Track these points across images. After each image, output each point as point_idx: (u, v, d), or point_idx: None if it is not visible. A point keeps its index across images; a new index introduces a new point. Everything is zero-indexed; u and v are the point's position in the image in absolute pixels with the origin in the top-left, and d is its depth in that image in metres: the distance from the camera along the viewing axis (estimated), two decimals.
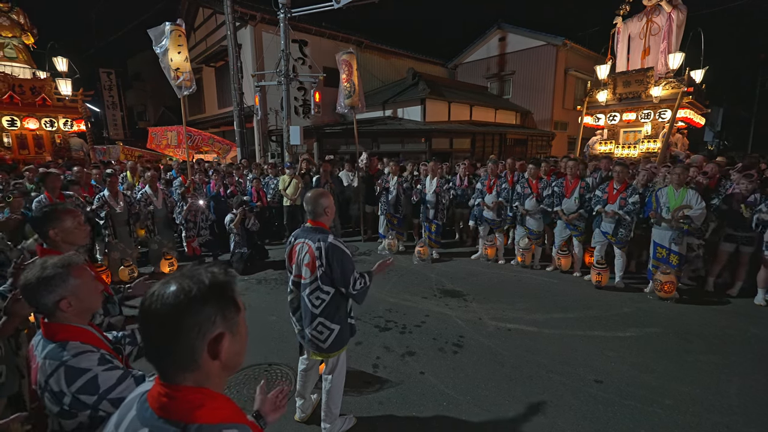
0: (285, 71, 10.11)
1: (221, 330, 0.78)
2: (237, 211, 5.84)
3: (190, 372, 0.77)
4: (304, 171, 7.94)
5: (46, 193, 4.43)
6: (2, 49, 10.81)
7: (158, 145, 12.13)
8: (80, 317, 1.38)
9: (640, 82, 9.72)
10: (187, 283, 0.77)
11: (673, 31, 9.41)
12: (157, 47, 5.56)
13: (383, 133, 12.85)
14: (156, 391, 0.79)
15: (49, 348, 1.28)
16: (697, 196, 4.41)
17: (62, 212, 2.00)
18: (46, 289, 1.27)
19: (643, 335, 3.87)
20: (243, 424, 0.82)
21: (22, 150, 10.80)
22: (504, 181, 6.00)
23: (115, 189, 5.38)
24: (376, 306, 4.60)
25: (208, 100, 16.97)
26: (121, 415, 0.85)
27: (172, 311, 0.74)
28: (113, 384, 1.27)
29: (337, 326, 2.38)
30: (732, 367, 3.30)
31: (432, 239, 6.46)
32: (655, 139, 9.45)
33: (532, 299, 4.76)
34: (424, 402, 2.91)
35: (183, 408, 0.76)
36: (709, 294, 4.89)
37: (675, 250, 4.58)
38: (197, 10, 16.15)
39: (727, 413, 2.74)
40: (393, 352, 3.62)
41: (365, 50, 16.28)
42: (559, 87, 17.42)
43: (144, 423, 0.78)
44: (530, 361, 3.42)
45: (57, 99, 11.14)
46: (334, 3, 9.07)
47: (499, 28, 18.18)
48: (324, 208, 2.35)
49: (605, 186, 5.12)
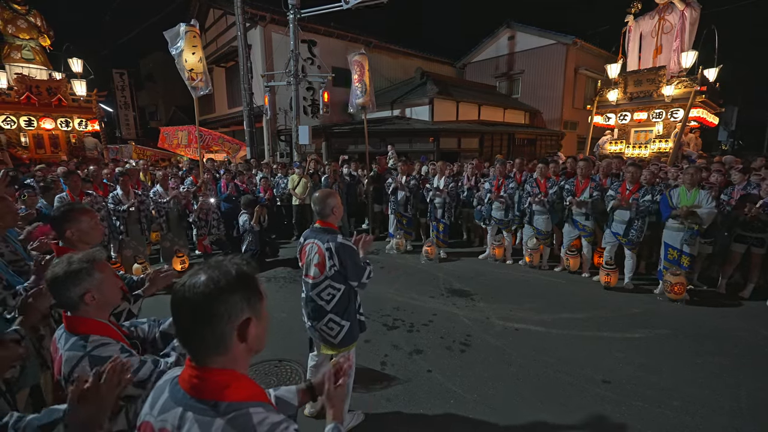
0: (294, 71, 10.19)
1: (248, 315, 0.85)
2: (254, 210, 5.91)
3: (219, 355, 0.84)
4: (312, 170, 8.02)
5: (68, 191, 4.58)
6: (20, 51, 11.07)
7: (170, 145, 12.34)
8: (101, 311, 1.45)
9: (652, 81, 9.59)
10: (216, 274, 0.83)
11: (686, 29, 9.27)
12: (173, 48, 5.64)
13: (391, 132, 12.88)
14: (187, 374, 0.86)
15: (72, 340, 1.35)
16: (709, 197, 4.36)
17: (79, 212, 2.06)
18: (73, 283, 1.35)
19: (652, 336, 3.85)
20: (267, 403, 0.88)
21: (39, 149, 11.07)
22: (512, 181, 5.99)
23: (127, 188, 5.49)
24: (384, 305, 4.64)
25: (218, 100, 17.17)
26: (155, 397, 0.91)
27: (203, 299, 0.81)
28: (136, 368, 1.35)
29: (348, 323, 2.44)
30: (742, 370, 3.27)
31: (440, 239, 6.48)
32: (666, 139, 9.33)
33: (540, 299, 4.76)
34: (431, 399, 2.95)
35: (213, 388, 0.82)
36: (721, 296, 4.82)
37: (687, 252, 4.52)
38: (208, 11, 16.36)
39: (736, 416, 2.72)
40: (401, 350, 3.66)
41: (374, 50, 16.31)
42: (569, 86, 17.25)
43: (177, 403, 0.85)
44: (537, 361, 3.43)
45: (72, 99, 11.39)
46: (343, 3, 9.12)
47: (508, 27, 18.06)
48: (332, 208, 2.41)
49: (618, 186, 5.09)
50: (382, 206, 7.80)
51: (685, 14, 9.23)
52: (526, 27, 17.59)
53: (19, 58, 11.06)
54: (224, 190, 7.16)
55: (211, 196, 6.58)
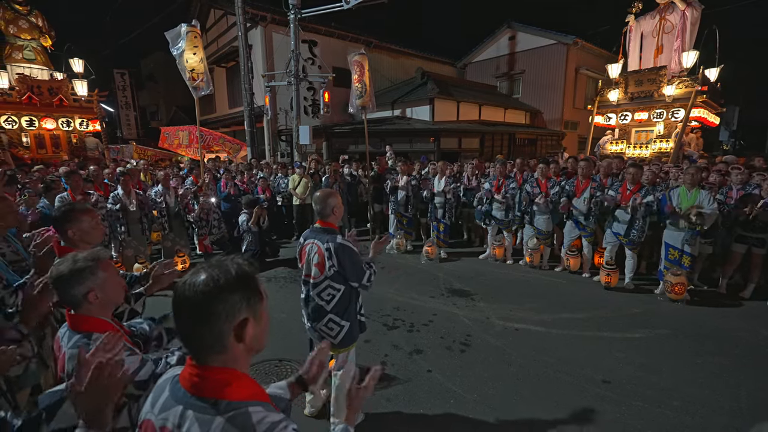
0: (295, 71, 10.20)
1: (246, 315, 0.86)
2: (253, 210, 5.92)
3: (218, 354, 0.85)
4: (313, 170, 8.03)
5: (69, 191, 4.59)
6: (21, 51, 11.10)
7: (170, 145, 12.37)
8: (104, 309, 1.46)
9: (653, 81, 9.59)
10: (216, 273, 0.84)
11: (687, 28, 9.27)
12: (174, 49, 5.65)
13: (392, 132, 12.88)
14: (188, 372, 0.86)
15: (76, 338, 1.36)
16: (710, 197, 4.35)
17: (80, 212, 2.07)
18: (78, 281, 1.36)
19: (652, 336, 3.85)
20: (266, 402, 0.88)
21: (40, 149, 11.10)
22: (513, 181, 5.99)
23: (128, 188, 5.50)
24: (384, 304, 4.65)
25: (219, 100, 17.19)
26: (156, 396, 0.92)
27: (203, 298, 0.82)
28: (137, 368, 1.36)
29: (348, 323, 2.44)
30: (742, 370, 3.27)
31: (440, 239, 6.48)
32: (667, 139, 9.32)
33: (540, 299, 4.76)
34: (431, 399, 2.95)
35: (213, 386, 0.83)
36: (721, 296, 4.82)
37: (688, 252, 4.52)
38: (209, 11, 16.37)
39: (737, 416, 2.72)
40: (401, 350, 3.66)
41: (374, 50, 16.31)
42: (570, 86, 17.23)
43: (178, 401, 0.85)
44: (537, 361, 3.44)
45: (73, 99, 11.42)
46: (344, 3, 9.13)
47: (509, 27, 18.05)
48: (332, 208, 2.41)
49: (618, 186, 5.09)
50: (383, 206, 7.81)
51: (686, 14, 9.23)
52: (527, 27, 17.58)
53: (21, 58, 11.09)
54: (224, 189, 7.18)
55: (212, 196, 6.59)
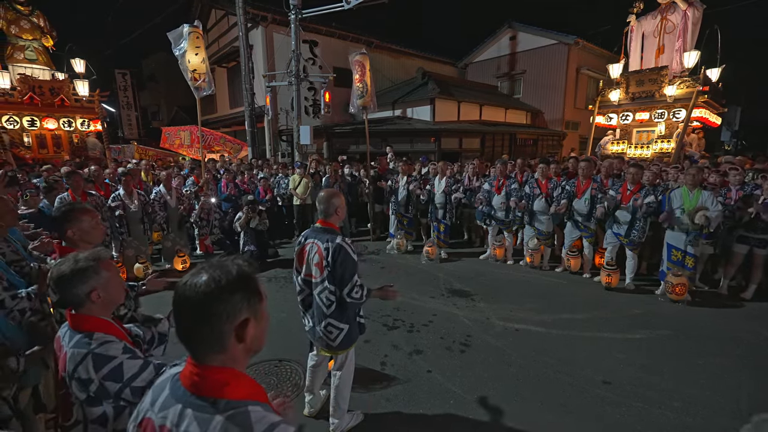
0: (296, 71, 10.20)
1: (246, 316, 0.86)
2: (247, 210, 5.94)
3: (217, 353, 0.85)
4: (314, 171, 8.04)
5: (69, 191, 4.60)
6: (23, 52, 11.10)
7: (171, 145, 12.39)
8: (105, 309, 1.46)
9: (654, 81, 9.58)
10: (217, 274, 0.84)
11: (689, 28, 9.26)
12: (176, 49, 5.65)
13: (392, 132, 12.87)
14: (188, 371, 0.87)
15: (77, 338, 1.37)
16: (712, 198, 4.34)
17: (80, 212, 2.08)
18: (80, 281, 1.37)
19: (653, 337, 3.84)
20: (265, 402, 0.88)
21: (42, 149, 11.11)
22: (514, 182, 5.98)
23: (129, 188, 5.51)
24: (384, 305, 4.64)
25: (220, 101, 17.20)
26: (155, 394, 0.92)
27: (204, 298, 0.82)
28: (136, 372, 1.36)
29: (346, 326, 2.42)
30: (743, 371, 3.26)
31: (440, 239, 6.48)
32: (668, 139, 9.31)
33: (541, 300, 4.75)
34: (431, 400, 2.95)
35: (212, 386, 0.84)
36: (723, 297, 4.81)
37: (691, 253, 4.51)
38: (210, 11, 16.39)
39: (738, 417, 2.71)
40: (400, 351, 3.66)
41: (375, 50, 16.30)
42: (571, 86, 17.21)
43: (178, 400, 0.86)
44: (537, 362, 3.43)
45: (75, 100, 11.41)
46: (345, 3, 9.12)
47: (510, 27, 18.03)
48: (335, 208, 2.40)
49: (619, 187, 5.08)
50: (383, 206, 7.81)
51: (688, 14, 9.22)
52: (528, 27, 17.56)
53: (22, 58, 11.10)
54: (224, 190, 7.19)
55: (212, 196, 6.60)
